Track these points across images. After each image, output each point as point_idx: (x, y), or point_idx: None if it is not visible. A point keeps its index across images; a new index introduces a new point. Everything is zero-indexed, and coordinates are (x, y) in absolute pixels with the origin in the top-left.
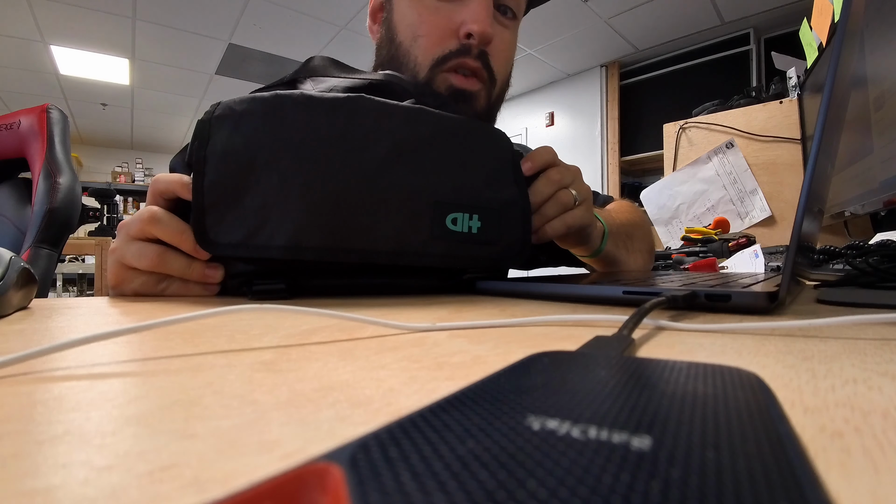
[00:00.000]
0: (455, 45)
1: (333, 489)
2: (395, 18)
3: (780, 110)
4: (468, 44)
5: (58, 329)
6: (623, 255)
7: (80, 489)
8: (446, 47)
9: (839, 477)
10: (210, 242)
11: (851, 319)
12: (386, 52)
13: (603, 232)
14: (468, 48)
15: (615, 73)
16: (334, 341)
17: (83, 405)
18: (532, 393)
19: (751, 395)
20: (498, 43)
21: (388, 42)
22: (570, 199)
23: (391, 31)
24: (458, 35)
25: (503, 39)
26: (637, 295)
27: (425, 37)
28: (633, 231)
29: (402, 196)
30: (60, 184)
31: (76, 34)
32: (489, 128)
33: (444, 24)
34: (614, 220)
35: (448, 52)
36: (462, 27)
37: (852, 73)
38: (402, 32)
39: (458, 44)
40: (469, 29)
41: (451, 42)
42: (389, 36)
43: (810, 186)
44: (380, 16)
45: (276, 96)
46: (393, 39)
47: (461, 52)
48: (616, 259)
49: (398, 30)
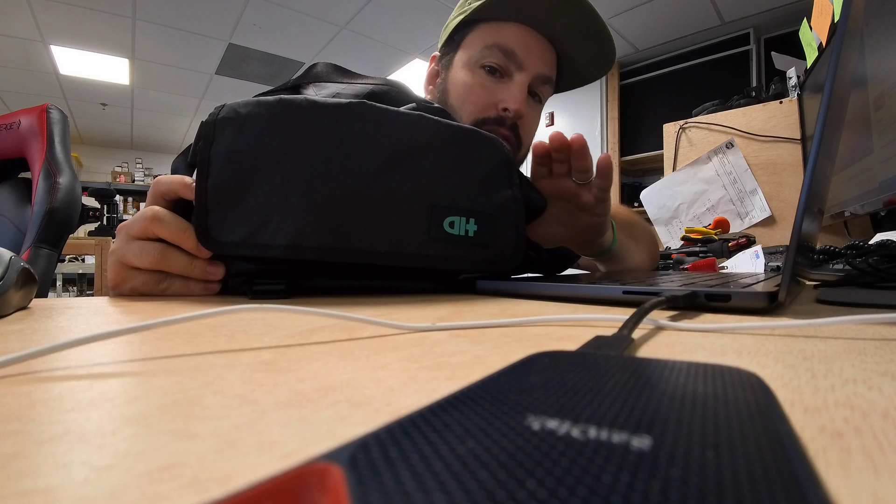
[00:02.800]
0: (494, 115)
1: (333, 489)
2: (449, 84)
3: (780, 110)
4: (504, 116)
5: (58, 329)
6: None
7: (80, 489)
8: (487, 114)
9: (839, 477)
10: (212, 241)
11: (851, 319)
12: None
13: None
14: (503, 119)
15: (615, 72)
16: (334, 341)
17: (83, 405)
18: (532, 393)
19: (751, 395)
20: (527, 118)
21: (441, 101)
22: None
23: (444, 94)
24: (497, 108)
25: (531, 115)
26: (637, 295)
27: (471, 103)
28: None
29: (400, 199)
30: (60, 184)
31: (76, 34)
32: (484, 134)
33: (488, 97)
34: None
35: (487, 117)
36: (501, 103)
37: (852, 73)
38: (454, 96)
39: (496, 114)
40: (507, 105)
41: (490, 111)
42: (443, 97)
43: (810, 186)
44: (436, 80)
45: (281, 100)
46: (445, 100)
47: (497, 122)
48: (623, 255)
49: (450, 93)
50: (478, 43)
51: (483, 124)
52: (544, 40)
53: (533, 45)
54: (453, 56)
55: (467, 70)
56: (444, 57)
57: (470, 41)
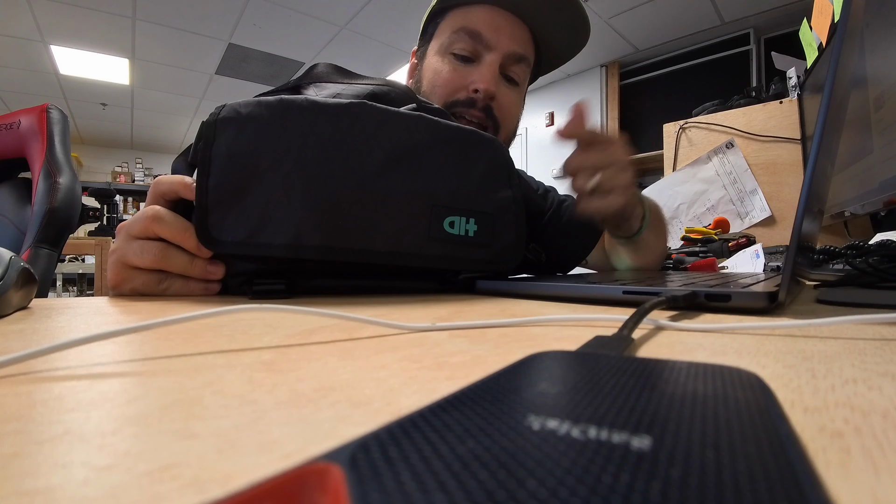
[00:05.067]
0: (464, 96)
1: (333, 489)
2: (423, 73)
3: (780, 110)
4: (475, 98)
5: (58, 329)
6: (653, 239)
7: (80, 489)
8: (457, 97)
9: (839, 477)
10: (212, 240)
11: (851, 319)
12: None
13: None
14: (474, 101)
15: (615, 73)
16: (334, 341)
17: (83, 405)
18: (532, 393)
19: (751, 395)
20: (501, 98)
21: (416, 91)
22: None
23: (419, 82)
24: (468, 90)
25: (507, 96)
26: (637, 295)
27: (441, 87)
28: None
29: (400, 199)
30: (60, 184)
31: (76, 34)
32: (483, 135)
33: (458, 80)
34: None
35: (457, 100)
36: (472, 84)
37: (852, 73)
38: (426, 83)
39: (466, 96)
40: (476, 86)
41: (461, 93)
42: (417, 86)
43: (810, 186)
44: (414, 72)
45: (282, 101)
46: (419, 89)
47: (468, 104)
48: (647, 244)
49: (423, 81)
50: (447, 30)
51: (454, 107)
52: (515, 19)
53: (502, 24)
54: (427, 47)
55: (438, 57)
56: (420, 48)
57: (441, 29)
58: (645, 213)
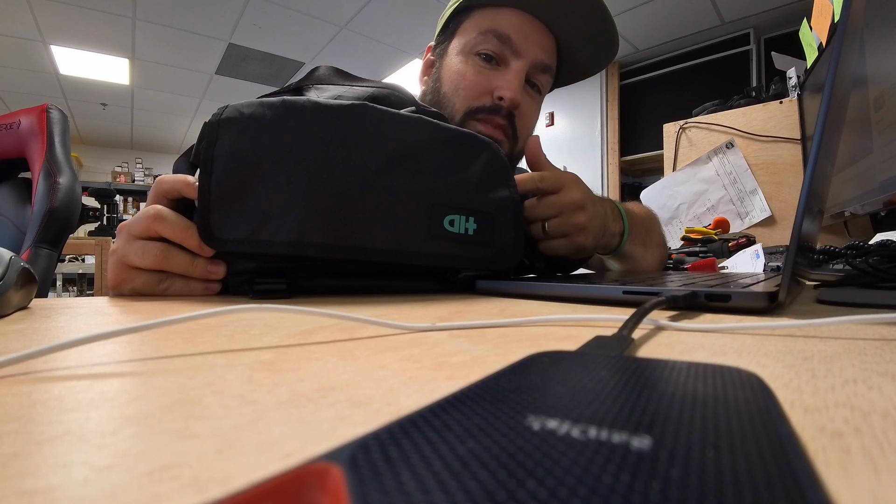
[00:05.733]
0: (488, 103)
1: (333, 489)
2: (443, 72)
3: (780, 110)
4: (499, 105)
5: (58, 329)
6: (640, 252)
7: (80, 489)
8: (481, 102)
9: (839, 477)
10: (214, 239)
11: (851, 319)
12: (430, 98)
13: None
14: (498, 108)
15: (615, 73)
16: (334, 341)
17: (83, 405)
18: (532, 393)
19: (751, 395)
20: (524, 108)
21: (434, 91)
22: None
23: (438, 82)
24: (492, 96)
25: (528, 106)
26: (637, 295)
27: (465, 90)
28: (650, 226)
29: (401, 197)
30: (60, 184)
31: (76, 34)
32: (480, 137)
33: (483, 84)
34: (635, 217)
35: (482, 105)
36: (496, 90)
37: (852, 73)
38: (447, 84)
39: (491, 102)
40: (502, 93)
41: (485, 99)
42: (436, 86)
43: (810, 186)
44: (430, 70)
45: (284, 101)
46: (438, 89)
47: (492, 110)
48: (633, 256)
49: (444, 81)
50: (472, 29)
51: (477, 112)
52: (542, 27)
53: (530, 31)
54: (448, 44)
55: (462, 57)
56: (439, 46)
57: (465, 28)
58: (624, 230)
